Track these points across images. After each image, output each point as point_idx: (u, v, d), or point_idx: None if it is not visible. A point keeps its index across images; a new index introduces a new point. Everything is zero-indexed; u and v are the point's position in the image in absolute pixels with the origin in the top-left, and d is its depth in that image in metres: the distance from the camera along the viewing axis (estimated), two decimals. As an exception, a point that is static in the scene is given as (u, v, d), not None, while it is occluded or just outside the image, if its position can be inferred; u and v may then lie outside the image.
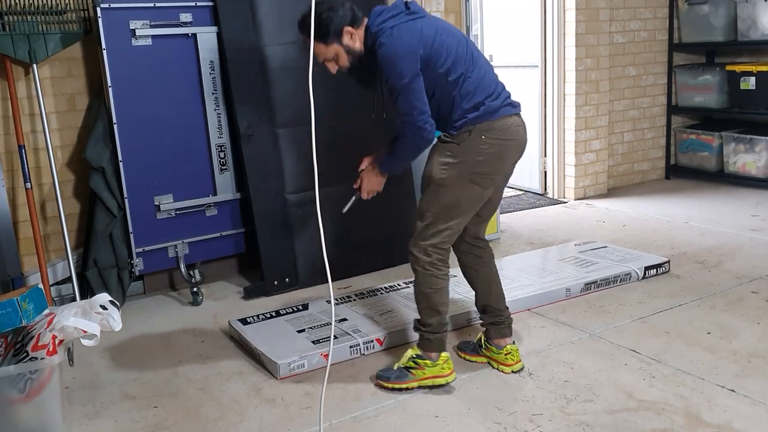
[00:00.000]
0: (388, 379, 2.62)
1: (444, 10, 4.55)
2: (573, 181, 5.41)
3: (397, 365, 2.65)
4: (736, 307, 3.25)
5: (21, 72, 3.44)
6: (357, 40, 2.49)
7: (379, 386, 2.63)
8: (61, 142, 3.59)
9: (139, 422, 2.50)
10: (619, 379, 2.63)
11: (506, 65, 5.76)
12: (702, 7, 5.53)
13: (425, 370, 2.59)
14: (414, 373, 2.60)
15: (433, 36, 2.43)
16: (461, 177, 2.48)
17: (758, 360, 2.73)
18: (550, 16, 5.25)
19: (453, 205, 2.51)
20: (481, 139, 2.47)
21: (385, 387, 2.62)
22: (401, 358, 2.67)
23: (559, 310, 3.29)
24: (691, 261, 3.89)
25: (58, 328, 2.16)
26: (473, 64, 2.50)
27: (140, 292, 3.78)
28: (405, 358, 2.64)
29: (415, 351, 2.64)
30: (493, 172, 2.54)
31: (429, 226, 2.53)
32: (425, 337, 2.61)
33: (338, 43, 2.47)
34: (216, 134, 3.66)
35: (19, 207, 3.49)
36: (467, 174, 2.49)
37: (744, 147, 5.43)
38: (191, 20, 3.51)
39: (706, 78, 5.62)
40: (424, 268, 2.54)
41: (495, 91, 2.52)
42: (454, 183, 2.49)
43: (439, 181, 2.50)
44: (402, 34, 2.40)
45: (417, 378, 2.59)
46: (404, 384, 2.59)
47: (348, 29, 2.46)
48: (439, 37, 2.44)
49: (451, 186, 2.49)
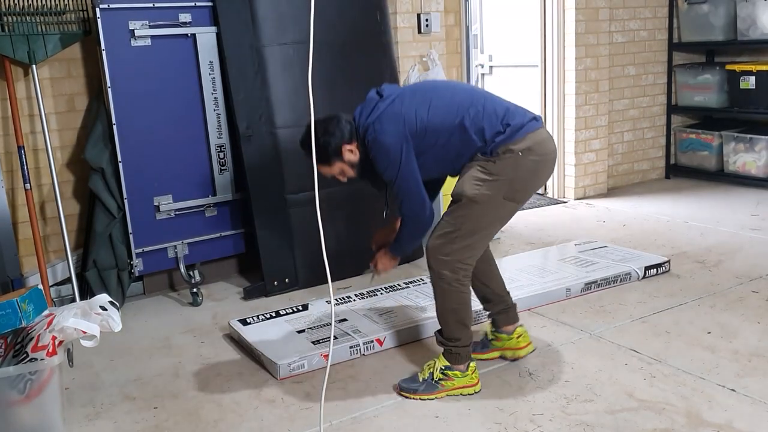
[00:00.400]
0: (416, 392, 2.54)
1: (443, 10, 4.55)
2: (573, 180, 5.41)
3: (422, 377, 2.57)
4: (737, 306, 3.25)
5: (20, 73, 3.44)
6: (357, 152, 2.53)
7: (404, 396, 2.56)
8: (61, 143, 3.59)
9: (139, 423, 2.49)
10: (619, 378, 2.63)
11: (506, 65, 5.76)
12: (702, 6, 5.53)
13: (455, 381, 2.54)
14: (444, 384, 2.54)
15: (415, 111, 2.45)
16: (497, 194, 2.45)
17: (759, 359, 2.72)
18: (550, 15, 5.24)
19: (485, 222, 2.48)
20: (518, 156, 2.44)
21: (412, 398, 2.55)
22: (425, 369, 2.59)
23: (559, 310, 3.29)
24: (691, 260, 3.89)
25: (58, 329, 2.15)
26: (475, 100, 2.50)
27: (140, 293, 3.78)
28: (433, 370, 2.56)
29: (443, 362, 2.56)
30: (530, 188, 2.55)
31: (457, 242, 2.46)
32: (454, 352, 2.55)
33: (340, 161, 2.52)
34: (215, 134, 3.65)
35: (18, 208, 3.49)
36: (503, 191, 2.46)
37: (744, 146, 5.43)
38: (190, 20, 3.51)
39: (706, 77, 5.62)
40: (451, 284, 2.48)
41: (508, 111, 2.50)
42: (488, 200, 2.45)
43: (472, 197, 2.44)
44: (384, 125, 2.44)
45: (446, 389, 2.54)
46: (433, 395, 2.54)
47: (346, 147, 2.51)
48: (423, 109, 2.46)
49: (485, 203, 2.45)
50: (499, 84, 5.88)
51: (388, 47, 4.08)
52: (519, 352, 2.76)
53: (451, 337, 2.55)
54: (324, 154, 2.49)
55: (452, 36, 4.68)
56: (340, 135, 2.49)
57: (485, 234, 2.53)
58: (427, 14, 4.44)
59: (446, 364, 2.56)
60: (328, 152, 2.49)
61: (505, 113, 2.48)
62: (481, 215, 2.47)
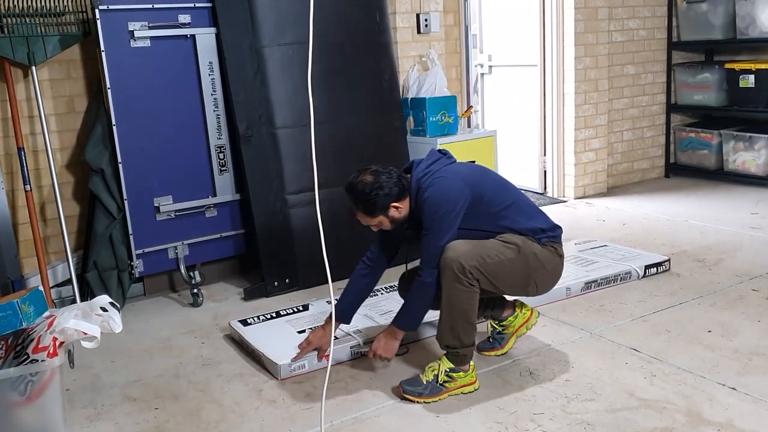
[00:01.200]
0: (421, 395, 2.52)
1: (443, 10, 4.55)
2: (573, 180, 5.41)
3: (425, 379, 2.55)
4: (737, 305, 3.25)
5: (20, 74, 3.44)
6: (403, 210, 2.56)
7: (408, 400, 2.54)
8: (61, 144, 3.59)
9: (140, 424, 2.49)
10: (620, 377, 2.63)
11: (505, 64, 5.76)
12: (701, 5, 5.53)
13: (458, 381, 2.55)
14: (447, 386, 2.54)
15: (469, 175, 2.57)
16: (538, 267, 2.59)
17: (759, 358, 2.72)
18: (549, 15, 5.25)
19: (514, 269, 2.55)
20: (559, 257, 2.67)
21: (416, 401, 2.53)
22: (428, 371, 2.57)
23: (559, 309, 3.29)
24: (691, 259, 3.89)
25: (59, 330, 2.15)
26: (511, 194, 2.67)
27: (140, 294, 3.78)
28: (438, 372, 2.55)
29: (447, 365, 2.54)
30: (550, 285, 2.73)
31: (483, 257, 2.48)
32: (461, 354, 2.54)
33: (383, 215, 2.55)
34: (215, 135, 3.66)
35: (18, 209, 3.49)
36: (539, 271, 2.61)
37: (743, 145, 5.43)
38: (190, 21, 3.51)
39: (705, 76, 5.62)
40: (467, 285, 2.46)
41: (545, 217, 2.70)
42: (530, 264, 2.57)
43: (524, 252, 2.55)
44: (449, 177, 2.51)
45: (449, 390, 2.54)
46: (437, 397, 2.53)
47: (394, 205, 2.52)
48: (477, 176, 2.61)
49: (528, 264, 2.56)
50: (498, 83, 5.88)
51: (387, 47, 4.09)
52: (530, 322, 2.87)
53: (458, 339, 2.53)
54: (370, 207, 2.51)
55: (451, 36, 4.69)
56: (390, 193, 2.50)
57: (503, 277, 2.54)
58: (427, 14, 4.44)
59: (451, 366, 2.55)
60: (375, 206, 2.51)
61: (546, 218, 2.70)
62: (518, 265, 2.54)
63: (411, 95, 4.27)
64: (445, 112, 4.19)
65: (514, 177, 5.58)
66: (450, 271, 2.45)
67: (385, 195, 2.49)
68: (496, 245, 2.53)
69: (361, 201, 2.47)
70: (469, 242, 2.51)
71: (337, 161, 3.75)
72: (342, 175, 3.74)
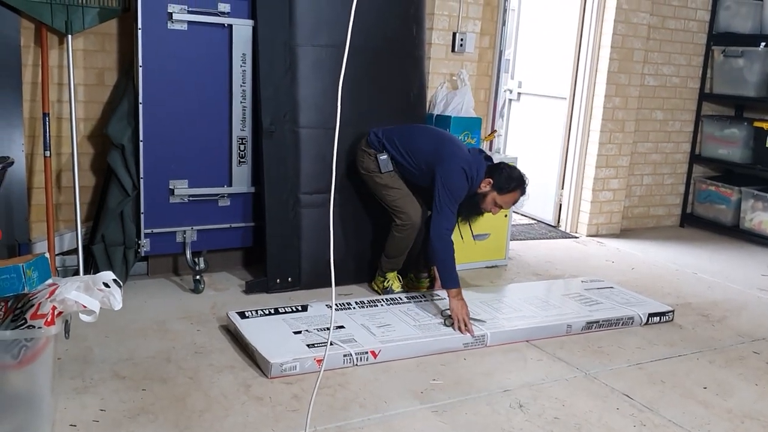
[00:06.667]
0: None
1: (479, 32, 4.55)
2: (587, 217, 5.39)
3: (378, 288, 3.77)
4: (736, 365, 3.21)
5: (55, 41, 3.47)
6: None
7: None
8: (85, 115, 3.62)
9: (126, 403, 2.49)
10: (609, 422, 2.60)
11: (534, 93, 5.76)
12: (737, 60, 5.51)
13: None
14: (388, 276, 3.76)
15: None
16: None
17: (752, 422, 2.69)
18: (585, 50, 5.24)
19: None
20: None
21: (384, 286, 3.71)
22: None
23: (557, 345, 3.27)
24: (695, 312, 3.86)
25: (59, 300, 2.16)
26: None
27: (143, 273, 3.79)
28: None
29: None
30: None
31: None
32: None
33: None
34: (239, 126, 3.67)
35: (35, 173, 3.52)
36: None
37: (762, 205, 5.39)
38: (229, 11, 3.53)
39: (733, 131, 5.60)
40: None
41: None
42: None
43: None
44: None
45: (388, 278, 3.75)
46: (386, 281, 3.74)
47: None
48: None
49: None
50: (525, 111, 5.88)
51: (420, 61, 4.09)
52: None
53: (394, 258, 3.71)
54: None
55: (485, 58, 4.69)
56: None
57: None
58: (463, 34, 4.45)
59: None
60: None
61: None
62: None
63: (437, 112, 4.27)
64: (469, 133, 4.19)
65: (529, 207, 5.59)
66: (412, 223, 3.62)
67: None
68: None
69: (503, 181, 3.50)
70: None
71: (355, 168, 3.74)
72: (358, 182, 3.76)
